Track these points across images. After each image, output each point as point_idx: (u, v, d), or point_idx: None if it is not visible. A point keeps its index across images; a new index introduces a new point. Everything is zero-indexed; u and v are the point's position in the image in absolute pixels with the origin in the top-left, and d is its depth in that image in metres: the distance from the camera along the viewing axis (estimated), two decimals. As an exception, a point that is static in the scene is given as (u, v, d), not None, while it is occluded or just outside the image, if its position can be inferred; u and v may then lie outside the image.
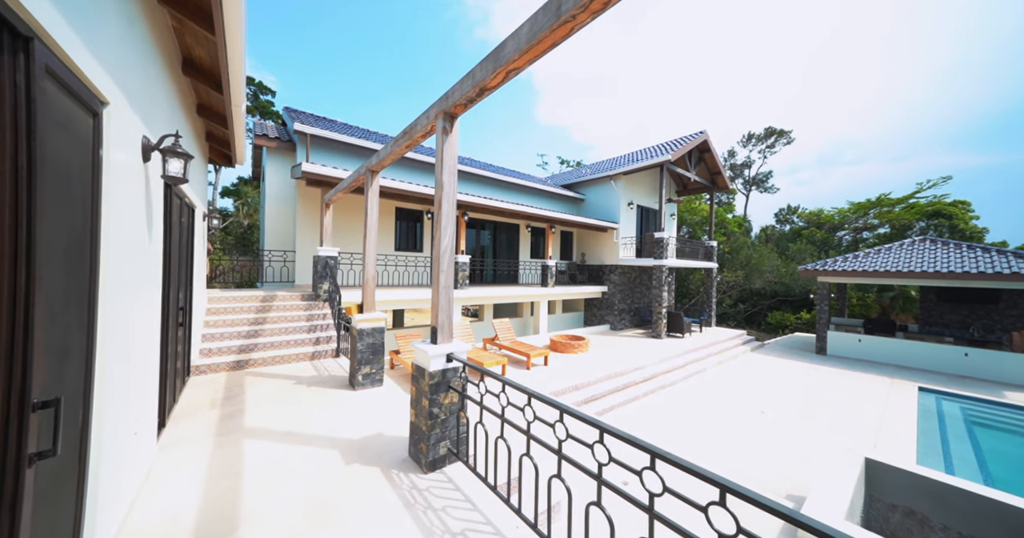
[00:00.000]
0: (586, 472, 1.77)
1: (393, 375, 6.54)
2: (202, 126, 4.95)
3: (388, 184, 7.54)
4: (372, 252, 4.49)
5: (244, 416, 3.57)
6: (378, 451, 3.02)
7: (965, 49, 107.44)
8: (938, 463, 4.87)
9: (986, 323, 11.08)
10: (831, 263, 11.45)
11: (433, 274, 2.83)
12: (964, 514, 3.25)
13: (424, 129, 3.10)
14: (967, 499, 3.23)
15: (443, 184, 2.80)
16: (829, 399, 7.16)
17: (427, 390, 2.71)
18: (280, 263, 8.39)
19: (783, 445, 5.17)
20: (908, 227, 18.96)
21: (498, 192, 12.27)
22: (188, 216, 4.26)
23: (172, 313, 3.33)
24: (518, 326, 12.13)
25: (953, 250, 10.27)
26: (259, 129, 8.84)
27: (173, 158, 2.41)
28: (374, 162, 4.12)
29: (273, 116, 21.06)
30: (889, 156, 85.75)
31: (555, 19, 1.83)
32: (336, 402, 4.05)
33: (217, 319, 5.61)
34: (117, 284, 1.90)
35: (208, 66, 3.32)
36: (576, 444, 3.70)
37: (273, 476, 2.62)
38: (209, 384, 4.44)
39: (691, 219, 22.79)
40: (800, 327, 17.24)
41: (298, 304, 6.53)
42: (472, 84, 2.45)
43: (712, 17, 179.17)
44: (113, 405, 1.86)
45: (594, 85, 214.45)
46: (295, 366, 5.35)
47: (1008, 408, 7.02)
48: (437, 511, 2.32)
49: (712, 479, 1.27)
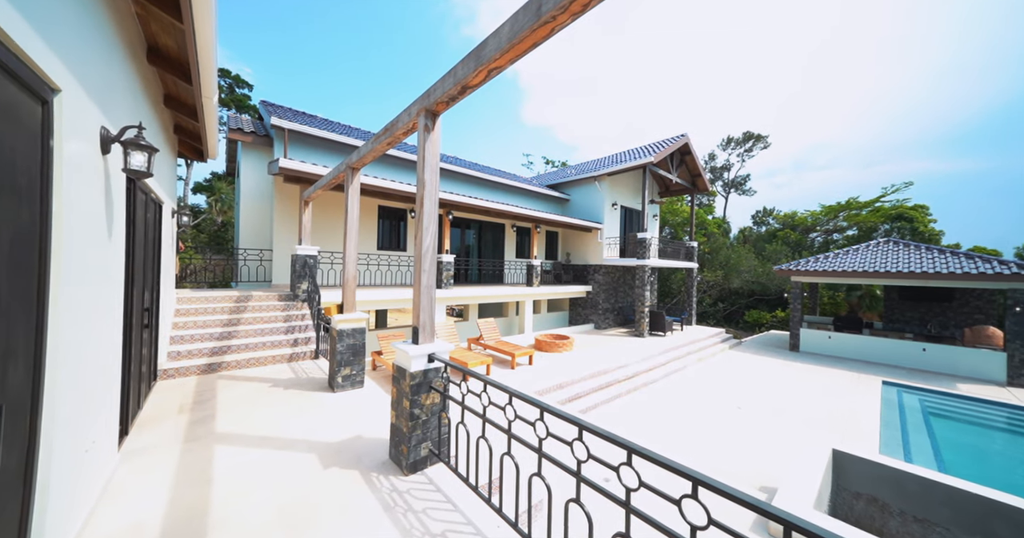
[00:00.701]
0: (565, 469, 1.79)
1: (375, 376, 6.43)
2: (170, 118, 4.72)
3: (370, 182, 7.39)
4: (353, 251, 4.39)
5: (216, 421, 3.43)
6: (357, 454, 2.96)
7: (917, 70, 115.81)
8: (898, 452, 5.16)
9: (941, 320, 11.83)
10: (804, 263, 11.97)
11: (415, 273, 2.79)
12: (919, 499, 3.46)
13: (406, 126, 3.05)
14: (922, 485, 3.44)
15: (425, 182, 2.77)
16: (801, 394, 7.48)
17: (408, 391, 2.67)
18: (256, 262, 8.10)
19: (758, 439, 5.37)
20: (874, 229, 20.00)
21: (484, 191, 12.23)
22: (155, 212, 4.05)
23: (136, 314, 3.16)
24: (503, 326, 12.12)
25: (913, 251, 10.91)
26: (233, 123, 8.50)
27: (136, 151, 2.28)
28: (355, 159, 4.04)
29: (250, 110, 20.33)
30: (858, 162, 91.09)
31: (535, 19, 1.84)
32: (314, 405, 3.95)
33: (187, 320, 5.37)
34: (72, 283, 1.79)
35: (176, 55, 3.17)
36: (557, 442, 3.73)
37: (246, 482, 2.52)
38: (178, 388, 4.24)
39: (673, 220, 23.35)
40: (775, 325, 17.93)
41: (275, 304, 6.32)
42: (454, 82, 2.43)
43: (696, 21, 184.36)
44: (66, 411, 1.74)
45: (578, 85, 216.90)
46: (272, 368, 5.18)
47: (959, 399, 7.52)
48: (417, 513, 2.29)
49: (685, 472, 1.31)
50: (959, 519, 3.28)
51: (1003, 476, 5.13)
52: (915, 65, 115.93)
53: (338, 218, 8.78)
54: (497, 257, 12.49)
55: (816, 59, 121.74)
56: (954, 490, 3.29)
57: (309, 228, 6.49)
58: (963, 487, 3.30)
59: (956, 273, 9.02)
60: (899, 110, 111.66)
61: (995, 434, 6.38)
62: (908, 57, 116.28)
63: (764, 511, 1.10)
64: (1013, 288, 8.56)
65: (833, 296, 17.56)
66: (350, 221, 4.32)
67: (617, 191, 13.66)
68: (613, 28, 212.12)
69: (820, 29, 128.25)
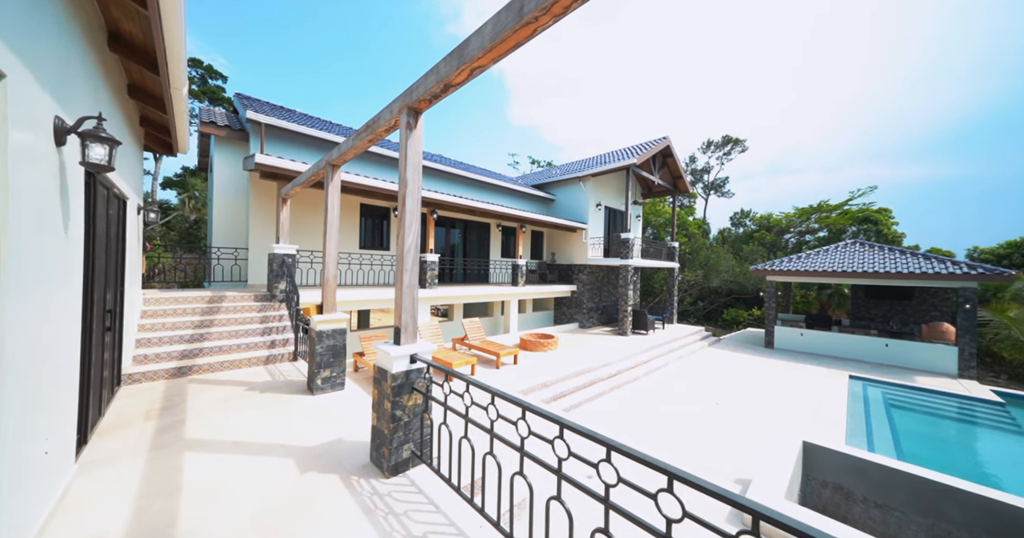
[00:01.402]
0: (547, 467, 1.80)
1: (357, 378, 6.29)
2: (136, 109, 4.47)
3: (352, 179, 7.23)
4: (333, 250, 4.29)
5: (185, 427, 3.28)
6: (337, 457, 2.89)
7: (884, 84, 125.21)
8: (862, 442, 5.45)
9: (902, 317, 12.57)
10: (778, 263, 12.46)
11: (397, 273, 2.75)
12: (879, 485, 3.67)
13: (388, 123, 3.00)
14: (882, 472, 3.64)
15: (407, 180, 2.73)
16: (775, 389, 7.79)
17: (389, 392, 2.63)
18: (231, 261, 7.78)
19: (735, 433, 5.56)
20: (843, 231, 21.02)
21: (469, 191, 12.16)
22: (119, 208, 3.84)
23: (97, 316, 2.98)
24: (489, 325, 12.10)
25: (877, 252, 11.54)
26: (206, 115, 8.13)
27: (95, 143, 2.15)
28: (335, 156, 3.94)
29: (224, 103, 19.50)
30: (826, 166, 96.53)
31: (518, 20, 1.84)
32: (292, 408, 3.83)
33: (156, 322, 5.11)
34: (20, 282, 1.67)
35: (141, 43, 3.00)
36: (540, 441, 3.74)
37: (218, 490, 2.42)
38: (145, 393, 4.03)
39: (656, 221, 23.87)
40: (752, 323, 18.59)
41: (251, 305, 6.09)
42: (436, 79, 2.41)
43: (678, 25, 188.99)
44: (11, 421, 1.63)
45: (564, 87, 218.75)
46: (247, 371, 4.99)
47: (916, 391, 8.02)
48: (399, 516, 2.26)
49: (660, 467, 1.34)
50: (914, 503, 3.50)
51: (952, 461, 5.51)
52: (882, 79, 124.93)
53: (318, 216, 8.54)
54: (482, 256, 12.45)
55: (793, 71, 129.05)
56: (910, 476, 3.51)
57: (287, 226, 6.28)
58: (917, 473, 3.52)
59: (915, 273, 9.60)
60: (869, 120, 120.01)
61: (947, 422, 6.84)
62: (878, 71, 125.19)
63: (733, 502, 1.14)
64: (964, 287, 9.19)
65: (805, 295, 18.35)
66: (330, 219, 4.22)
67: (601, 192, 13.84)
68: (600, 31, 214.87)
69: (792, 45, 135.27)
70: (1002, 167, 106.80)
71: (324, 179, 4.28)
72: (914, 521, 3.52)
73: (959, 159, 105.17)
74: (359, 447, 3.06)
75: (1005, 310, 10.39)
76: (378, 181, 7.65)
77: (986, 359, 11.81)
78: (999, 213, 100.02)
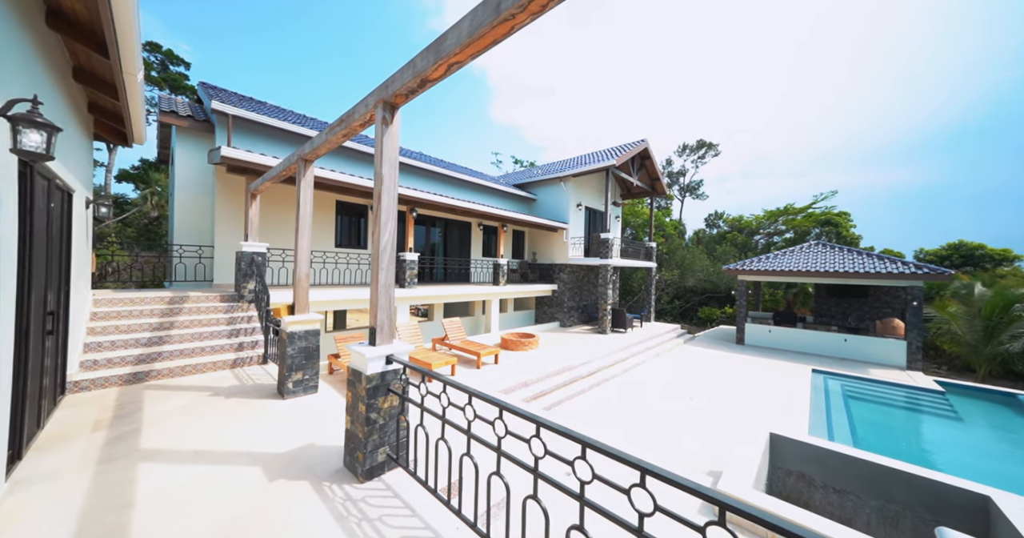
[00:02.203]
0: (523, 467, 1.79)
1: (331, 381, 6.08)
2: (83, 94, 4.12)
3: (328, 175, 6.97)
4: (305, 248, 4.12)
5: (140, 436, 3.06)
6: (308, 464, 2.78)
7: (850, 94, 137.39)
8: (823, 432, 5.79)
9: (859, 314, 13.46)
10: (748, 263, 13.05)
11: (372, 271, 2.67)
12: (837, 472, 3.90)
13: (363, 118, 2.91)
14: (840, 460, 3.88)
15: (383, 177, 2.65)
16: (746, 383, 8.15)
17: (364, 395, 2.55)
18: (194, 260, 7.34)
19: (708, 426, 5.77)
20: (807, 233, 22.29)
21: (451, 189, 12.02)
22: (63, 202, 3.53)
23: (36, 319, 2.73)
24: (470, 325, 12.02)
25: (838, 253, 12.30)
26: (166, 104, 7.62)
27: (29, 129, 1.96)
28: (307, 150, 3.78)
29: (187, 92, 18.38)
30: (792, 172, 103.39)
31: (495, 16, 1.81)
32: (261, 413, 3.65)
33: (108, 325, 4.74)
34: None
35: (85, 20, 2.75)
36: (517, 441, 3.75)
37: (176, 503, 2.27)
38: (94, 402, 3.73)
39: (634, 221, 24.46)
40: (724, 320, 19.39)
41: (217, 306, 5.77)
42: (413, 74, 2.35)
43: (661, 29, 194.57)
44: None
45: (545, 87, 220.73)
46: (213, 376, 4.72)
47: (870, 382, 8.61)
48: (373, 521, 2.20)
49: (633, 462, 1.36)
50: (867, 487, 3.75)
51: (900, 446, 5.95)
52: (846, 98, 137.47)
53: (291, 212, 8.19)
54: (463, 256, 12.34)
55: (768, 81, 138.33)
56: (863, 462, 3.76)
57: (257, 223, 5.99)
58: (869, 459, 3.77)
59: (870, 273, 10.30)
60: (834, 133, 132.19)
61: (896, 411, 7.38)
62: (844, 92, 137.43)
63: (701, 494, 1.17)
64: (911, 285, 9.94)
65: (774, 293, 19.32)
66: (302, 216, 4.05)
67: (582, 192, 14.02)
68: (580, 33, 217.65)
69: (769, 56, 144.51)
70: (944, 175, 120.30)
71: (296, 174, 4.10)
72: (867, 504, 3.77)
73: (909, 167, 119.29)
74: (332, 452, 2.95)
75: (946, 307, 11.33)
76: (355, 178, 7.42)
77: (930, 352, 12.83)
78: (943, 216, 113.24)
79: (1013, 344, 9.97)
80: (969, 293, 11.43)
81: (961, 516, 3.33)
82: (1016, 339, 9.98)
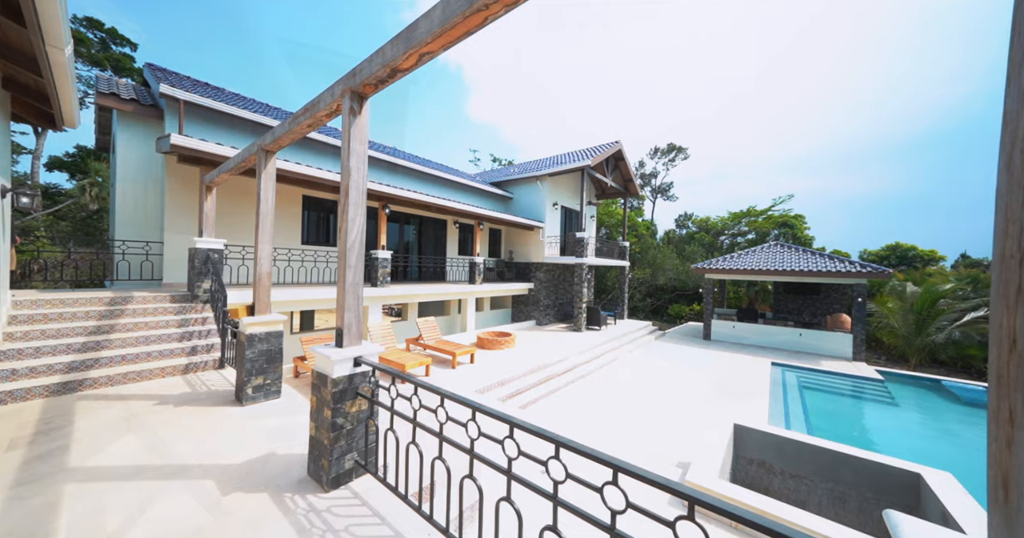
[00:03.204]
0: (497, 468, 1.76)
1: (297, 384, 5.79)
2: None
3: (293, 168, 6.60)
4: (267, 244, 3.86)
5: (70, 453, 2.75)
6: (268, 474, 2.60)
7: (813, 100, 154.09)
8: (781, 421, 6.18)
9: (812, 309, 14.51)
10: (714, 262, 13.71)
11: (339, 270, 2.53)
12: (793, 458, 4.17)
13: (329, 107, 2.75)
14: (795, 447, 4.14)
15: (350, 170, 2.52)
16: (712, 377, 8.55)
17: (330, 399, 2.42)
18: (140, 257, 6.72)
19: (678, 419, 6.00)
20: (767, 234, 23.76)
21: (426, 186, 11.76)
22: (-26, 190, 3.10)
23: (-62, 324, 2.37)
24: (445, 324, 11.84)
25: (794, 253, 13.19)
26: (105, 85, 6.91)
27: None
28: (268, 141, 3.54)
29: (134, 74, 16.84)
30: (755, 175, 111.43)
31: (468, 6, 1.76)
32: (216, 422, 3.39)
33: (31, 329, 4.23)
34: None
35: (0, -16, 2.42)
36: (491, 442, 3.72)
37: (111, 526, 2.05)
38: (10, 417, 3.31)
39: (608, 221, 25.05)
40: (693, 317, 20.29)
41: (166, 306, 5.31)
42: (382, 63, 2.24)
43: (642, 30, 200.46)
44: None
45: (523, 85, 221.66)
46: (161, 382, 4.34)
47: (822, 373, 9.30)
48: (338, 532, 2.09)
49: (605, 460, 1.36)
50: (819, 471, 4.03)
51: (846, 431, 6.46)
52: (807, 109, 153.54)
53: (252, 207, 7.69)
54: (439, 254, 12.12)
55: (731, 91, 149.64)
56: (814, 448, 4.04)
57: (213, 217, 5.58)
58: (820, 444, 4.06)
59: (822, 271, 11.13)
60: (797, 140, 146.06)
61: (843, 399, 8.02)
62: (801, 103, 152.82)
63: (671, 489, 1.18)
64: (857, 283, 10.83)
65: (737, 291, 20.44)
66: (263, 210, 3.79)
67: (558, 191, 14.17)
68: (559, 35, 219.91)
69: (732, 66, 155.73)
70: (884, 182, 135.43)
71: (256, 165, 3.84)
72: (820, 487, 4.06)
73: (856, 175, 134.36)
74: (295, 460, 2.79)
75: (885, 302, 12.44)
76: (322, 171, 7.08)
77: (872, 344, 14.05)
78: (882, 219, 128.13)
79: (938, 336, 11.13)
80: (903, 290, 12.62)
81: (898, 493, 3.65)
82: (941, 331, 11.15)
